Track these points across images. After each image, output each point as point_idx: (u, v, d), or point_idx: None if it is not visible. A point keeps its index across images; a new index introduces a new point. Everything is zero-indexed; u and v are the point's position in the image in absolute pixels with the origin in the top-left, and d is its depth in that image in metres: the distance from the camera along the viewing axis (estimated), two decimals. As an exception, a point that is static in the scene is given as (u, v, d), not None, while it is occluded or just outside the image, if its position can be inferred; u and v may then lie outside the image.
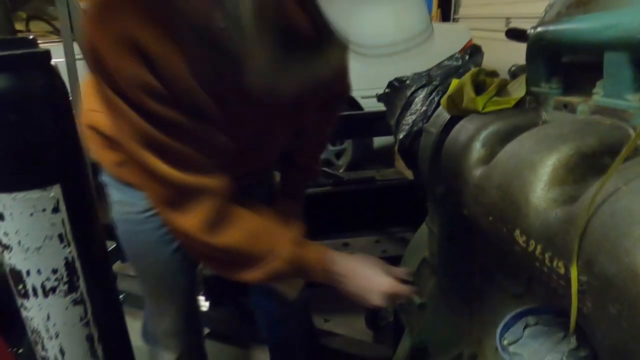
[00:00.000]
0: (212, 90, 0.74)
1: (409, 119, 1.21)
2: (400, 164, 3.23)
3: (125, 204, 1.03)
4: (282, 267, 0.86)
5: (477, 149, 0.80)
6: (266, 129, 0.93)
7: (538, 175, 0.62)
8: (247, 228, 0.84)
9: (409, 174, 2.91)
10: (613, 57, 0.66)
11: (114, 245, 2.33)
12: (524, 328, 0.76)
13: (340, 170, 3.36)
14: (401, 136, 1.22)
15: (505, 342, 0.73)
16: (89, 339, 0.54)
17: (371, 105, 2.74)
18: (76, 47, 1.99)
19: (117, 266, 2.44)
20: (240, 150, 0.86)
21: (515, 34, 1.33)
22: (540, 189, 0.61)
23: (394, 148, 3.34)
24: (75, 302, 0.52)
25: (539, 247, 0.57)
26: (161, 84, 0.69)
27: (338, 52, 0.66)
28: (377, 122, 2.24)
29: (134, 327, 2.06)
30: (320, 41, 0.65)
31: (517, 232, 0.62)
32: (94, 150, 1.00)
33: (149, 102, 0.69)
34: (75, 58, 2.04)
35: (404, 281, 0.95)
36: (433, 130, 1.03)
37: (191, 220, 0.79)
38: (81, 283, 0.51)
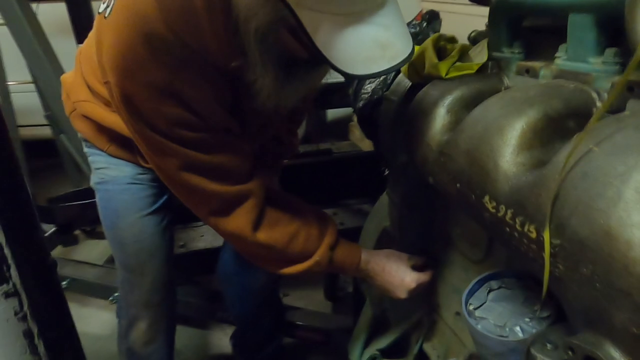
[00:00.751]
0: (232, 111, 0.87)
1: (368, 87, 1.18)
2: (354, 136, 3.22)
3: (111, 169, 1.11)
4: (318, 267, 0.98)
5: (442, 115, 0.78)
6: (268, 126, 1.07)
7: (506, 139, 0.61)
8: (287, 230, 0.95)
9: (363, 146, 2.92)
10: (577, 20, 0.65)
11: (53, 229, 2.18)
12: (488, 292, 0.78)
13: (295, 144, 3.30)
14: (360, 105, 1.20)
15: (470, 307, 0.74)
16: (27, 334, 0.48)
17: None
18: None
19: (58, 251, 2.30)
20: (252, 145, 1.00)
21: (479, -2, 1.31)
22: (509, 154, 0.60)
23: (349, 120, 3.34)
24: (7, 295, 0.46)
25: (509, 212, 0.57)
26: (195, 116, 0.81)
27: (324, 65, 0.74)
28: (331, 94, 2.21)
29: (83, 314, 1.98)
30: (312, 59, 0.73)
31: (487, 197, 0.61)
32: (88, 133, 1.10)
33: (186, 133, 0.81)
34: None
35: (423, 267, 1.06)
36: (394, 98, 1.01)
37: (238, 222, 0.91)
38: (13, 272, 0.45)
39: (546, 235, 0.50)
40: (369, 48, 0.65)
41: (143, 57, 0.75)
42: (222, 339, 1.88)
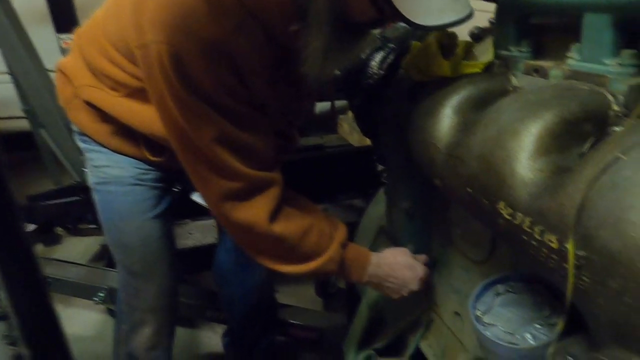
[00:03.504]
0: (273, 81, 0.87)
1: (366, 83, 1.15)
2: (343, 129, 3.20)
3: (112, 167, 1.05)
4: (328, 266, 0.94)
5: (449, 116, 0.76)
6: (298, 107, 1.06)
7: (522, 144, 0.59)
8: (301, 224, 0.92)
9: (352, 140, 2.90)
10: (593, 20, 0.63)
11: (34, 228, 2.11)
12: (495, 297, 0.76)
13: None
14: (358, 102, 1.17)
15: (478, 313, 0.73)
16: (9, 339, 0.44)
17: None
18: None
19: (40, 251, 2.22)
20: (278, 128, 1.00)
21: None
22: (526, 159, 0.58)
23: (337, 113, 3.30)
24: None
25: (527, 220, 0.55)
26: (241, 84, 0.81)
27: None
28: (329, 90, 2.17)
29: (66, 314, 1.92)
30: (370, 22, 0.75)
31: (502, 204, 0.59)
32: (86, 122, 1.03)
33: (230, 102, 0.81)
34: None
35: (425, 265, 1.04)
36: (396, 97, 0.98)
37: (256, 210, 0.88)
38: (2, 294, 0.41)
39: (570, 247, 0.48)
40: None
41: (201, 12, 0.75)
42: (211, 337, 1.85)
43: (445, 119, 0.76)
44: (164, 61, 0.76)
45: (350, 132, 3.02)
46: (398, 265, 1.00)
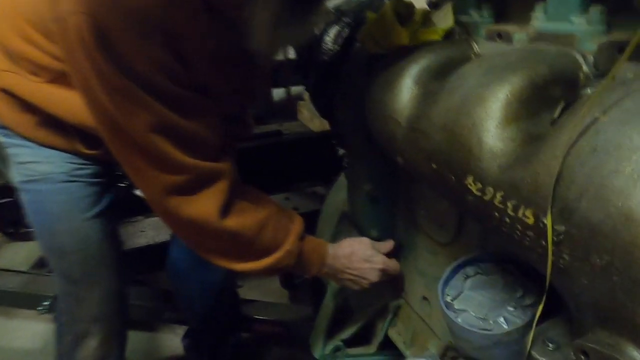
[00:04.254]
0: (216, 58, 0.77)
1: (321, 60, 1.07)
2: (303, 116, 3.11)
3: (40, 163, 0.93)
4: (285, 260, 0.87)
5: (409, 87, 0.70)
6: (250, 89, 0.96)
7: (490, 111, 0.53)
8: (256, 217, 0.84)
9: (313, 126, 2.82)
10: (558, -26, 0.58)
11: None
12: (464, 280, 0.71)
13: (240, 126, 3.14)
14: (313, 81, 1.09)
15: (448, 299, 0.68)
16: None
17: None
18: None
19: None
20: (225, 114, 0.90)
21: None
22: (494, 127, 0.52)
23: (297, 100, 3.23)
24: None
25: (498, 195, 0.49)
26: (180, 64, 0.71)
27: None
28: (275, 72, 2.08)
29: (8, 327, 1.77)
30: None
31: (470, 179, 0.53)
32: (6, 112, 0.90)
33: (167, 84, 0.71)
34: None
35: (389, 254, 1.01)
36: (353, 72, 0.91)
37: (206, 205, 0.79)
38: None
39: (548, 222, 0.43)
40: None
41: None
42: (172, 339, 1.76)
43: (405, 90, 0.70)
44: (85, 36, 0.64)
45: (310, 118, 2.95)
46: (355, 257, 0.95)
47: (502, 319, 0.62)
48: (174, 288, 1.41)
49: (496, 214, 0.50)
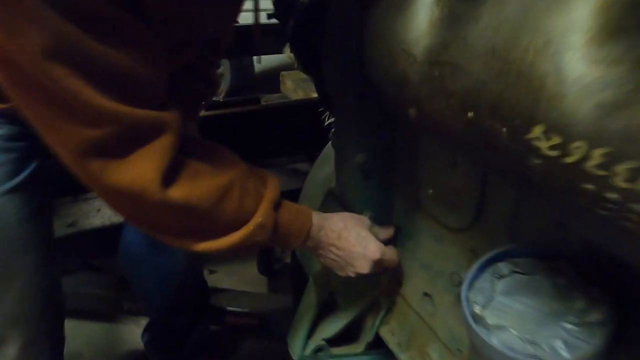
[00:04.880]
0: None
1: (304, -2, 0.86)
2: (286, 87, 2.91)
3: None
4: (257, 235, 0.70)
5: (428, 6, 0.48)
6: (212, 29, 0.81)
7: (576, 19, 0.32)
8: (214, 183, 0.66)
9: (297, 96, 2.63)
10: None
11: None
12: (496, 280, 0.52)
13: (220, 97, 2.93)
14: (293, 24, 0.88)
15: (477, 309, 0.48)
16: None
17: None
18: None
19: None
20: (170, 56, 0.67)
21: None
22: (584, 44, 0.32)
23: (279, 71, 3.02)
24: None
25: (595, 154, 0.29)
26: None
27: None
28: (255, 38, 1.89)
29: None
30: None
31: (538, 130, 0.33)
32: None
33: None
34: None
35: (388, 242, 0.85)
36: (344, 3, 0.69)
37: (141, 169, 0.59)
38: None
39: None
40: None
41: None
42: (136, 332, 1.58)
43: (423, 11, 0.48)
44: None
45: (294, 89, 2.74)
46: (346, 233, 0.78)
47: (559, 342, 0.42)
48: (129, 277, 1.23)
49: (590, 186, 0.30)
